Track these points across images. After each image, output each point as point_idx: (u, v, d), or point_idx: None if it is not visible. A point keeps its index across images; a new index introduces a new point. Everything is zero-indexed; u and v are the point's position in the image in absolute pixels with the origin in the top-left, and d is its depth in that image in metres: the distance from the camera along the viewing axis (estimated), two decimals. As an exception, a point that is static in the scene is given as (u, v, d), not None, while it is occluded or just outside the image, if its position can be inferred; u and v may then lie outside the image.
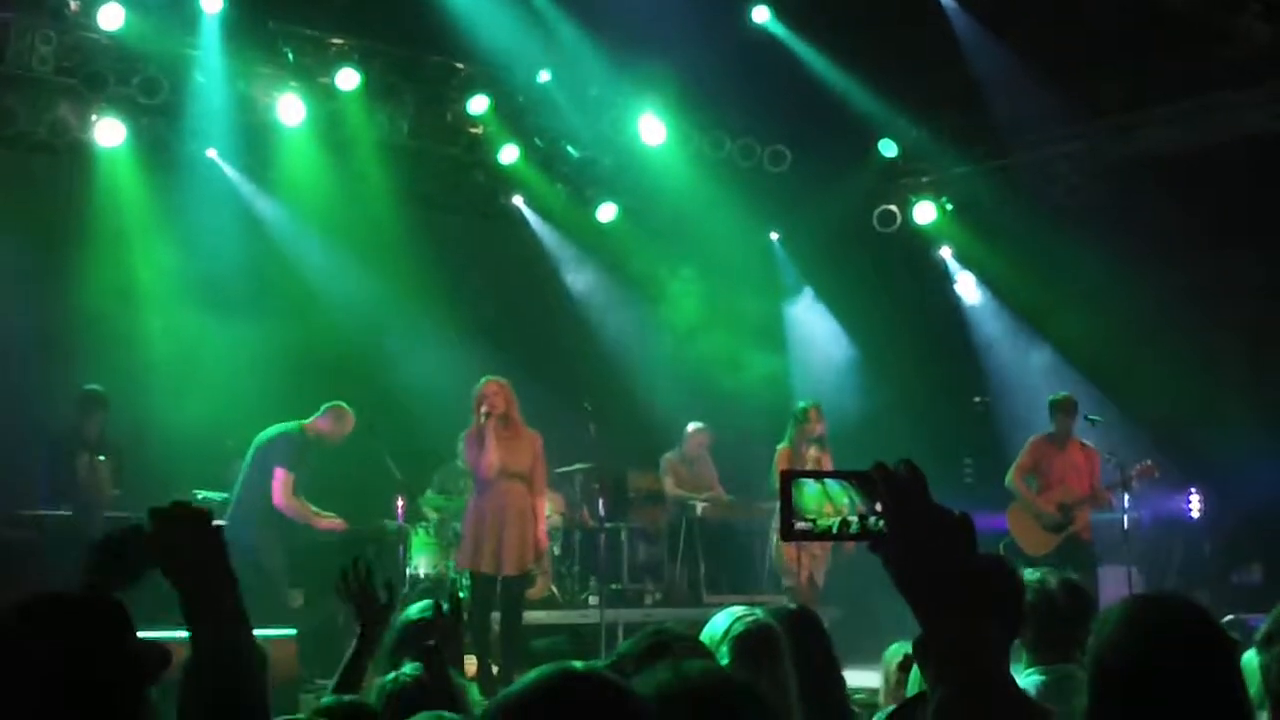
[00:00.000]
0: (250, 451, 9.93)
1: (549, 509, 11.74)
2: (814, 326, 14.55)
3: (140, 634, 2.29)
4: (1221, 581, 11.67)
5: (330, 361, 11.42)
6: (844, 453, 10.55)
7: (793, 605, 4.98)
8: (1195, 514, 12.06)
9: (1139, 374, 11.99)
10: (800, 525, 1.81)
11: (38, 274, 10.93)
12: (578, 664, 1.68)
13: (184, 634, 2.23)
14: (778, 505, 1.95)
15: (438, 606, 4.03)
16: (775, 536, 10.98)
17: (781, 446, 10.84)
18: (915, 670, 3.68)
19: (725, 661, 3.82)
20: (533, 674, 1.66)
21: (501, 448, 9.29)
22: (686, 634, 2.99)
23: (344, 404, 10.18)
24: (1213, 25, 11.21)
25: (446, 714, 3.16)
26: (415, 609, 4.58)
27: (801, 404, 11.04)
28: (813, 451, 10.60)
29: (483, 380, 9.45)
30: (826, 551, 10.75)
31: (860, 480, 1.80)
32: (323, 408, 10.15)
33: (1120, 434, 10.84)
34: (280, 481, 9.71)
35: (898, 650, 4.88)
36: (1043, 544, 10.44)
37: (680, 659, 2.31)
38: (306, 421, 10.06)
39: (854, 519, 1.80)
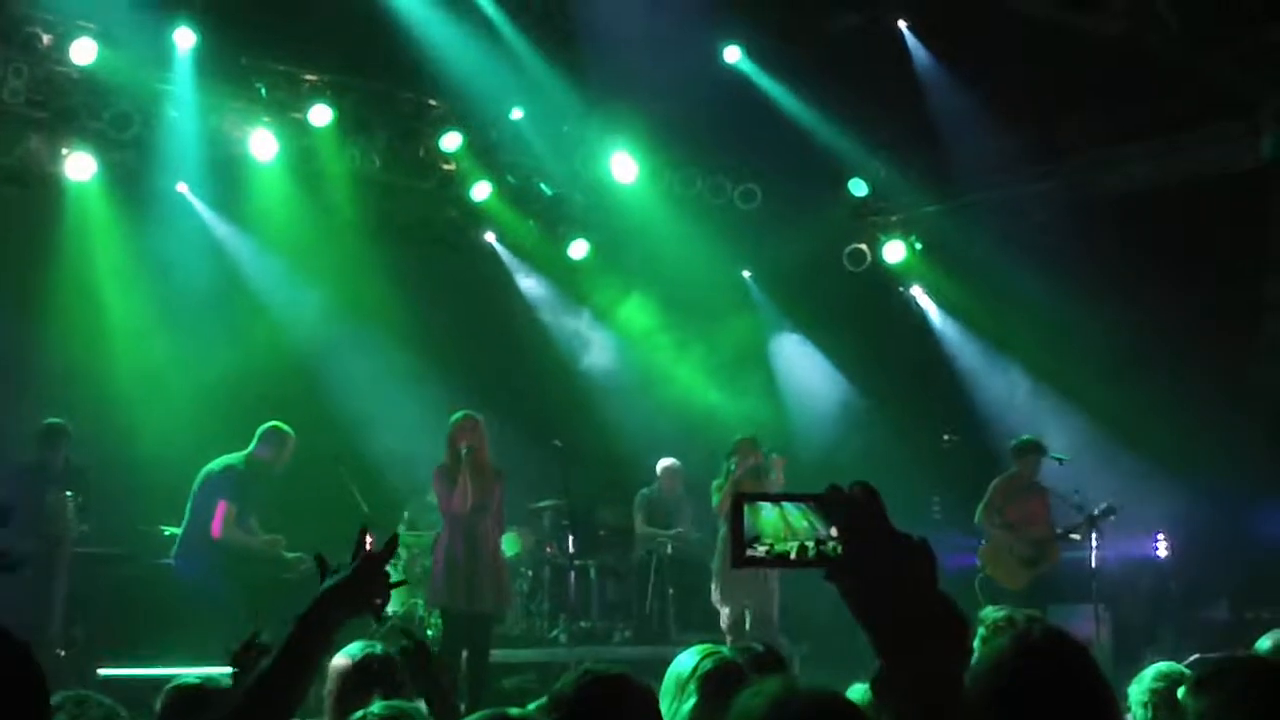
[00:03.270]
0: (197, 483, 9.83)
1: (518, 546, 11.74)
2: (785, 364, 14.58)
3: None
4: (1188, 618, 11.71)
5: (299, 395, 11.37)
6: (810, 489, 10.53)
7: (759, 646, 4.94)
8: (1162, 553, 12.11)
9: (1107, 411, 12.06)
10: (754, 552, 1.71)
11: (4, 307, 10.86)
12: (513, 710, 1.67)
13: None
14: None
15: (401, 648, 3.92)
16: (717, 564, 10.83)
17: (716, 482, 10.74)
18: None
19: (693, 700, 3.82)
20: None
21: (476, 484, 9.20)
22: (618, 671, 2.99)
23: (281, 424, 10.04)
24: (1180, 64, 11.34)
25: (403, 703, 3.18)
26: (357, 647, 4.40)
27: (736, 437, 10.90)
28: (749, 485, 10.31)
29: (460, 415, 9.32)
30: (774, 584, 10.56)
31: (818, 503, 1.72)
32: (259, 432, 9.98)
33: (1088, 472, 10.89)
34: (221, 514, 9.62)
35: (860, 691, 4.75)
36: (1019, 578, 10.48)
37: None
38: (248, 450, 9.96)
39: (811, 544, 1.70)
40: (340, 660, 4.34)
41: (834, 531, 1.69)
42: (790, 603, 11.05)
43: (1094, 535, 10.41)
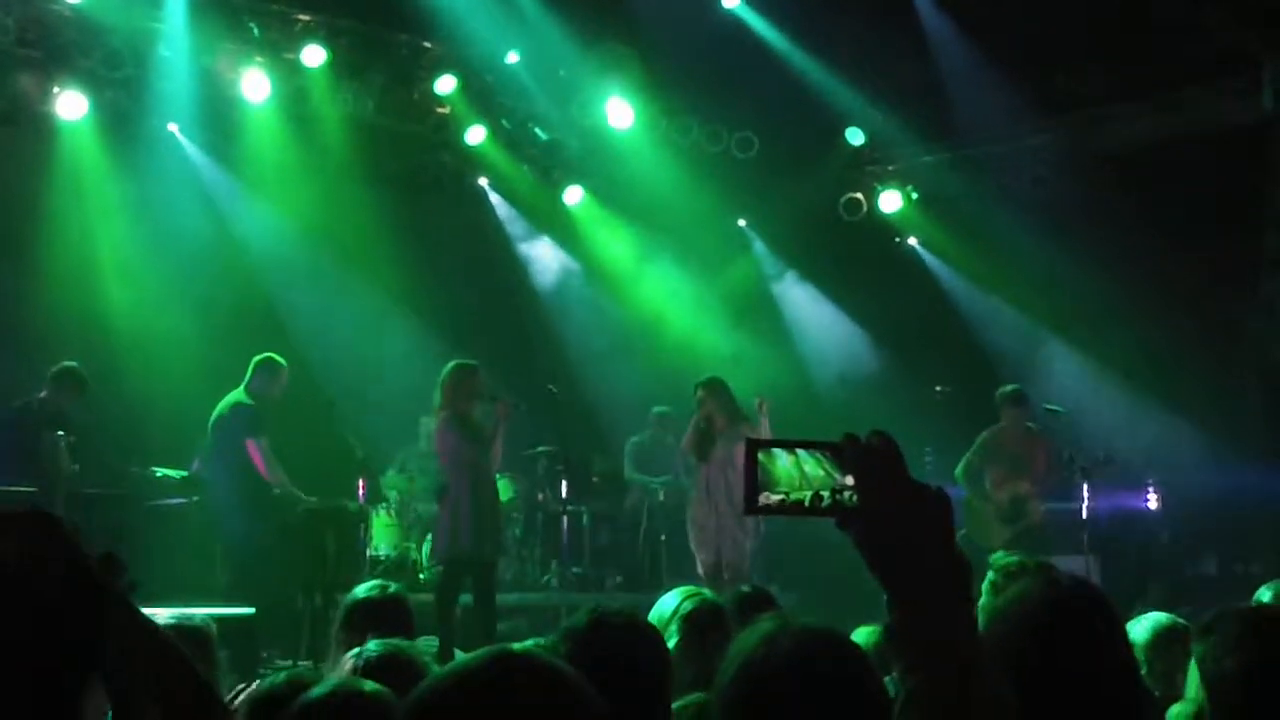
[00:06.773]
0: (211, 430, 9.76)
1: (511, 491, 11.75)
2: (782, 313, 14.56)
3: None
4: (1177, 572, 11.77)
5: (291, 339, 11.35)
6: (801, 435, 10.49)
7: (747, 586, 4.98)
8: (1153, 505, 12.14)
9: (1100, 364, 12.07)
10: (767, 499, 1.68)
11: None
12: (515, 645, 1.63)
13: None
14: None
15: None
16: (691, 510, 10.66)
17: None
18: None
19: (675, 639, 3.85)
20: (469, 656, 1.61)
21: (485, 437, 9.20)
22: (624, 610, 3.00)
23: (274, 355, 9.91)
24: (1181, 20, 11.27)
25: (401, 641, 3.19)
26: (363, 588, 4.51)
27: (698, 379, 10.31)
28: (720, 425, 9.90)
29: (472, 365, 9.19)
30: (746, 535, 10.25)
31: (833, 452, 1.68)
32: (253, 364, 9.82)
33: (1081, 424, 10.89)
34: (259, 453, 9.57)
35: (865, 634, 4.68)
36: (997, 536, 10.47)
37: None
38: (245, 384, 9.79)
39: (826, 493, 1.67)
40: (348, 599, 4.43)
41: (849, 480, 1.66)
42: (780, 553, 11.09)
43: (1085, 488, 10.39)
